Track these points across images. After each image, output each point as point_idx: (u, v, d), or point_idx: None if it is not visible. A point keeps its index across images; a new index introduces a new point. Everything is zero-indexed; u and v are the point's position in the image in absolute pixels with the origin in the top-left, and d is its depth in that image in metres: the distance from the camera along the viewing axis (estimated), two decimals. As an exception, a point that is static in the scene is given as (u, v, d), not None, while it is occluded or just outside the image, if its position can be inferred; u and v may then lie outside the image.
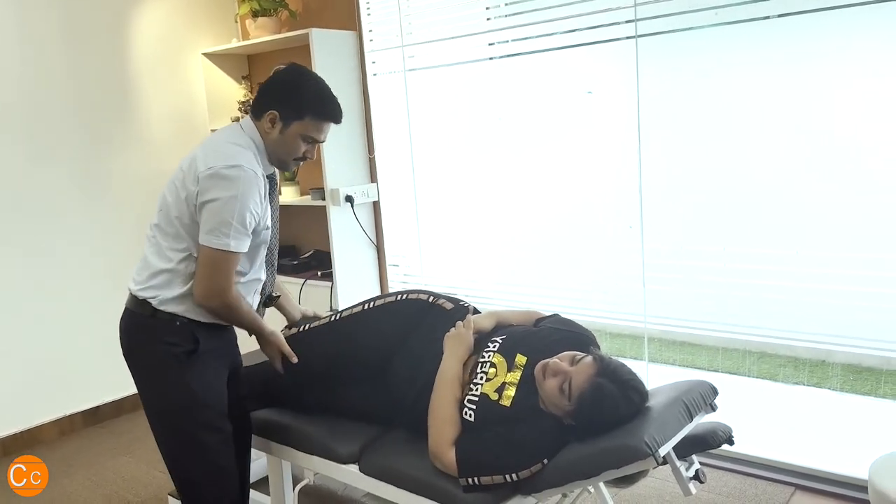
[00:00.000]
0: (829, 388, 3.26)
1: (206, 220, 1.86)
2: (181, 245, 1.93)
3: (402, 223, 3.86)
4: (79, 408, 3.66)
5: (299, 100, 1.96)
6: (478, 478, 1.75)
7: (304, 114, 1.95)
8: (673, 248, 2.92)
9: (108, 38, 3.69)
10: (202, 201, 1.85)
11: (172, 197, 1.93)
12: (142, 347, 2.01)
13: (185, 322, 1.95)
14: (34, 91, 3.44)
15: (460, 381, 1.93)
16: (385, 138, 3.81)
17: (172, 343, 1.95)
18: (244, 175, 1.85)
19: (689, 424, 1.75)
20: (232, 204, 1.83)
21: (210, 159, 1.87)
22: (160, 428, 2.04)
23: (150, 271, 1.98)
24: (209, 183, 1.84)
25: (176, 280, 1.94)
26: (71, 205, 3.59)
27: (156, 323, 1.95)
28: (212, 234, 1.85)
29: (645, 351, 3.10)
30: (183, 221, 1.91)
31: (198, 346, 1.97)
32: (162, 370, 1.97)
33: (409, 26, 3.57)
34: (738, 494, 2.63)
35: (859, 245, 2.51)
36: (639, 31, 2.81)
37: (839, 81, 2.46)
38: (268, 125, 1.96)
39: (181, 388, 1.96)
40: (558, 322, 2.15)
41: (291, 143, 1.98)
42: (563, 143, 3.19)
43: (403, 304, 2.16)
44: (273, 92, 1.99)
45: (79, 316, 3.63)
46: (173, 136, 3.99)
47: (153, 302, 1.95)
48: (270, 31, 3.76)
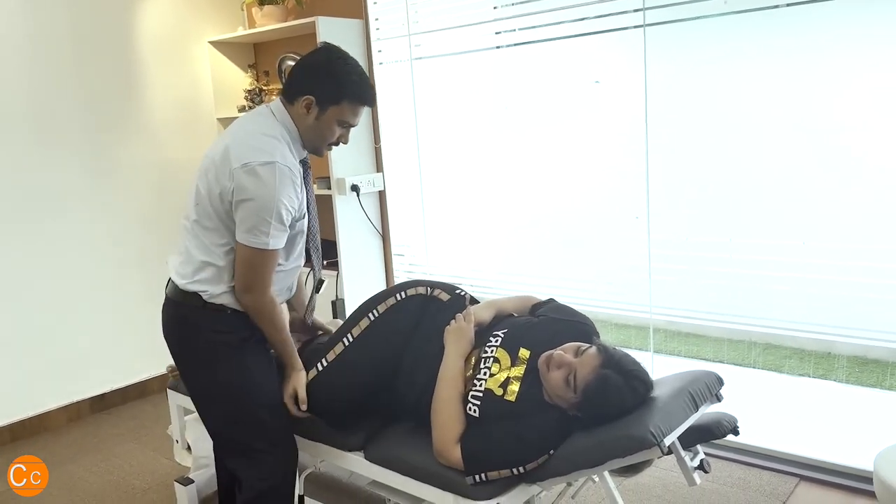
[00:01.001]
0: (834, 380, 3.26)
1: (244, 219, 1.83)
2: (223, 240, 1.91)
3: (407, 213, 3.85)
4: (86, 395, 3.68)
5: (337, 84, 1.89)
6: (485, 474, 1.76)
7: (342, 98, 1.89)
8: (679, 238, 2.91)
9: (114, 26, 3.69)
10: (238, 199, 1.82)
11: (206, 190, 1.89)
12: (193, 338, 1.98)
13: (235, 311, 1.94)
14: (41, 80, 3.44)
15: (463, 378, 1.91)
16: (391, 128, 3.80)
17: (226, 331, 1.95)
18: (280, 172, 1.81)
19: (694, 414, 1.75)
20: (269, 203, 1.80)
21: (244, 154, 1.82)
22: (218, 414, 2.02)
23: (195, 266, 1.94)
24: (245, 180, 1.80)
25: (224, 275, 1.93)
26: (78, 192, 3.60)
27: (207, 314, 1.94)
28: (250, 234, 1.83)
29: (650, 341, 3.10)
30: (221, 216, 1.88)
31: (251, 333, 1.97)
32: (217, 357, 1.96)
33: (416, 15, 3.56)
34: (742, 485, 2.64)
35: (866, 236, 2.49)
36: (647, 21, 2.80)
37: (848, 72, 2.44)
38: (303, 110, 1.91)
39: (239, 374, 1.95)
40: (555, 310, 2.13)
41: (327, 129, 1.93)
42: (569, 132, 3.18)
43: (405, 301, 2.08)
44: (309, 75, 1.92)
45: (86, 303, 3.64)
46: (179, 124, 3.99)
47: (204, 296, 1.93)
48: (277, 20, 3.75)
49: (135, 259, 3.82)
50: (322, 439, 2.12)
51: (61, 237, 3.55)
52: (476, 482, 1.76)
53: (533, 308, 2.18)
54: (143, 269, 3.83)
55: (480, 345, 1.98)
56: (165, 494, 2.85)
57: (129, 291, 3.79)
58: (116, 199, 3.75)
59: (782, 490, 2.58)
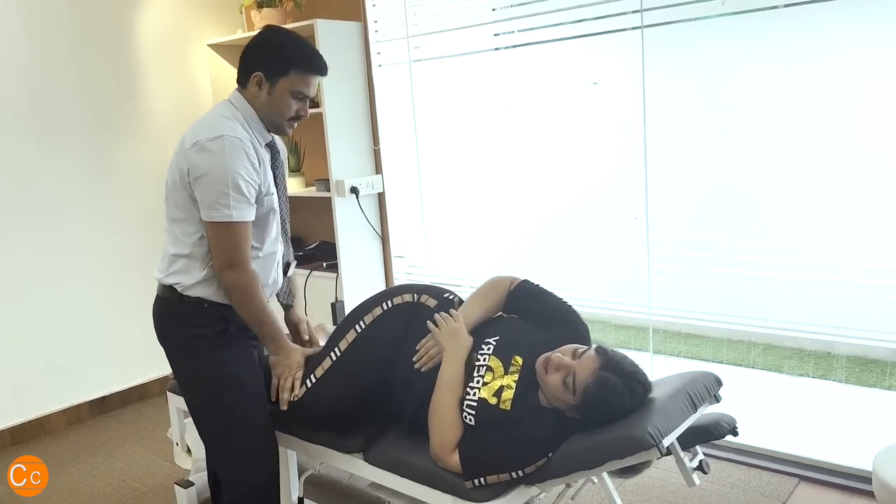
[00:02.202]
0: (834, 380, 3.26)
1: (203, 197, 1.86)
2: (192, 228, 1.93)
3: (407, 215, 3.86)
4: (86, 397, 3.68)
5: (282, 56, 1.93)
6: (484, 478, 1.75)
7: (289, 69, 1.93)
8: (678, 239, 2.91)
9: (113, 28, 3.69)
10: (194, 178, 1.86)
11: (171, 180, 1.94)
12: (173, 331, 2.03)
13: (213, 304, 1.97)
14: (41, 81, 3.44)
15: (461, 383, 1.89)
16: (390, 130, 3.81)
17: (202, 325, 1.97)
18: (229, 143, 1.84)
19: (692, 415, 1.76)
20: (223, 174, 1.83)
21: (195, 135, 1.87)
22: (198, 408, 2.04)
23: (169, 259, 1.99)
24: (196, 157, 1.84)
25: (194, 265, 1.95)
26: (77, 194, 3.60)
27: (184, 307, 1.97)
28: (211, 209, 1.86)
29: (650, 342, 3.10)
30: (187, 203, 1.91)
31: (228, 325, 1.98)
32: (194, 352, 1.99)
33: (415, 17, 3.56)
34: (741, 485, 2.64)
35: (866, 236, 2.50)
36: (645, 22, 2.80)
37: (846, 73, 2.45)
38: (255, 89, 1.96)
39: (215, 367, 1.97)
40: (538, 303, 2.05)
41: (281, 103, 1.96)
42: (568, 134, 3.18)
43: (392, 311, 2.03)
44: (254, 54, 1.97)
45: (86, 305, 3.64)
46: (178, 126, 3.99)
47: (178, 288, 1.96)
48: (275, 22, 3.75)
49: (134, 261, 3.82)
50: (321, 441, 2.12)
51: (60, 239, 3.55)
52: (475, 486, 1.76)
53: (510, 297, 2.08)
54: (142, 272, 3.83)
55: (472, 352, 1.95)
56: (165, 497, 2.85)
57: (129, 294, 3.79)
58: (115, 201, 3.75)
59: (782, 490, 2.58)
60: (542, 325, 2.02)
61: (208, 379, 1.99)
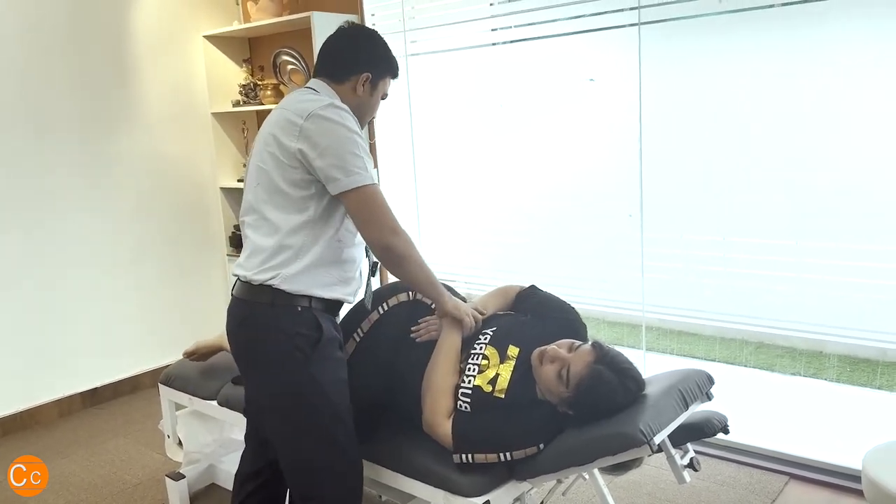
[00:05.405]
0: (825, 379, 3.28)
1: (330, 168, 1.73)
2: (298, 214, 1.79)
3: (401, 209, 3.85)
4: (78, 389, 3.67)
5: (388, 60, 1.95)
6: (472, 455, 1.76)
7: (387, 73, 1.96)
8: (672, 237, 2.92)
9: (109, 19, 3.67)
10: (320, 149, 1.73)
11: (273, 164, 1.79)
12: (264, 341, 1.82)
13: (306, 307, 1.80)
14: (36, 73, 3.42)
15: (458, 353, 1.90)
16: (386, 124, 3.80)
17: (297, 334, 1.79)
18: (342, 110, 1.78)
19: (684, 413, 1.76)
20: (349, 136, 1.75)
21: (304, 108, 1.76)
22: (286, 424, 1.86)
23: (265, 254, 1.81)
24: (312, 127, 1.73)
25: (302, 255, 1.80)
26: (71, 186, 3.58)
27: (277, 312, 1.79)
28: (348, 175, 1.73)
29: (643, 340, 3.10)
30: (297, 186, 1.77)
31: (321, 334, 1.81)
32: (287, 364, 1.80)
33: (411, 11, 3.55)
34: (732, 483, 2.65)
35: (858, 236, 2.51)
36: (642, 19, 2.80)
37: (841, 71, 2.45)
38: (359, 88, 1.90)
39: (308, 382, 1.81)
40: (542, 304, 2.09)
41: (376, 103, 1.98)
42: (564, 130, 3.18)
43: (389, 314, 2.02)
44: (362, 54, 1.91)
45: (78, 297, 3.63)
46: (174, 118, 3.98)
47: (274, 282, 1.78)
48: (272, 14, 3.74)
49: (128, 254, 3.81)
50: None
51: (53, 231, 3.54)
52: (462, 461, 1.76)
53: (517, 299, 2.15)
54: (136, 264, 3.82)
55: (469, 343, 1.96)
56: (156, 489, 2.84)
57: (122, 286, 3.77)
58: (109, 194, 3.74)
59: (772, 488, 2.59)
60: (542, 321, 2.04)
61: (299, 394, 1.81)
